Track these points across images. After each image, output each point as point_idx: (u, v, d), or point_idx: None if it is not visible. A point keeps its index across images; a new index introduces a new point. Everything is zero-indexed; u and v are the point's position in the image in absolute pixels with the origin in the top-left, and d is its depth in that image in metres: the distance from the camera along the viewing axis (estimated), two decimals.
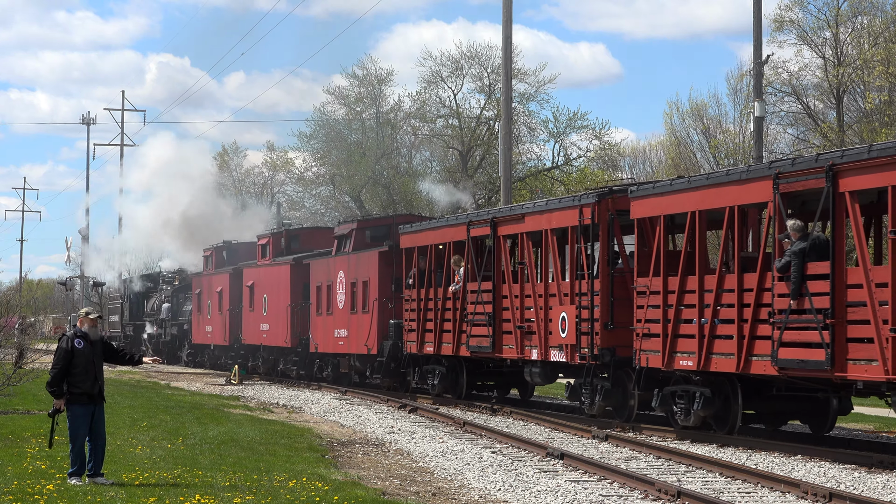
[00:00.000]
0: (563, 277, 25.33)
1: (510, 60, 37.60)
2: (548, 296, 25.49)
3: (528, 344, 26.17)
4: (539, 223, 25.90)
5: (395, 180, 62.46)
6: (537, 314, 25.71)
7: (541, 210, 26.01)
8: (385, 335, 33.33)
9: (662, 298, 21.83)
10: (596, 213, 23.79)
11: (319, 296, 37.69)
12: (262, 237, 44.13)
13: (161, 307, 56.71)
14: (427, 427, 24.41)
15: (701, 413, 21.17)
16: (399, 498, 14.89)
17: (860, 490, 15.75)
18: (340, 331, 36.15)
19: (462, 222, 29.24)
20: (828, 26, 47.35)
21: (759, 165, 20.78)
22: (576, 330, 24.16)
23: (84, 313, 15.67)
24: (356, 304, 34.93)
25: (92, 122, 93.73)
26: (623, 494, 15.51)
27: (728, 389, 20.96)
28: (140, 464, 16.65)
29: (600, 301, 23.71)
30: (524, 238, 26.54)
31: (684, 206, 21.48)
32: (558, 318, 24.88)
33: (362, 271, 34.61)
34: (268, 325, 42.32)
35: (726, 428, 21.05)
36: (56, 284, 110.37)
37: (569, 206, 24.80)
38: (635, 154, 74.25)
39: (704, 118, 56.43)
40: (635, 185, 23.35)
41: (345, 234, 36.28)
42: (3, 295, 43.94)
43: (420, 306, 30.85)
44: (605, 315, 23.64)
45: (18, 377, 28.53)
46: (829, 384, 19.44)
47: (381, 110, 64.00)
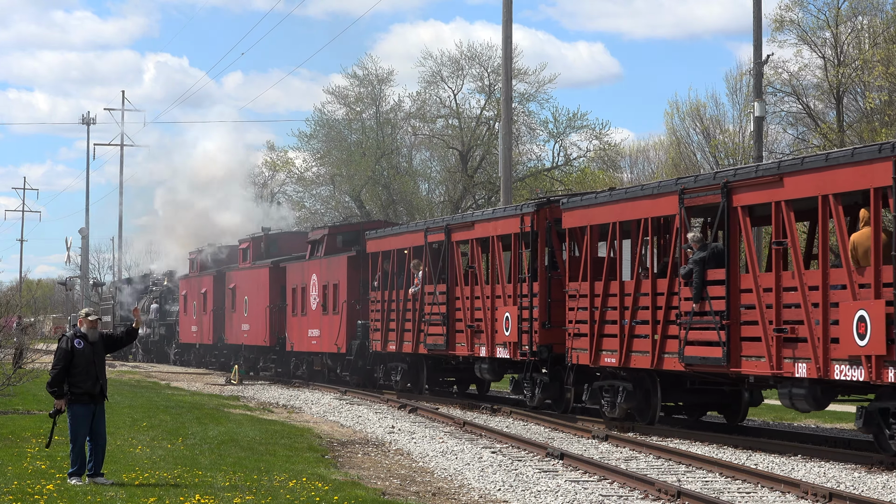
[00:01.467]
0: (507, 280, 27.34)
1: (510, 60, 37.61)
2: (494, 297, 27.56)
3: (478, 342, 28.24)
4: (487, 230, 28.07)
5: (395, 180, 62.46)
6: (485, 314, 27.82)
7: (488, 218, 28.22)
8: (353, 335, 35.42)
9: (590, 301, 23.90)
10: (535, 221, 25.93)
11: (295, 297, 39.81)
12: (243, 241, 46.02)
13: (150, 308, 58.54)
14: (427, 427, 24.42)
15: (624, 406, 23.12)
16: (399, 498, 14.90)
17: (860, 490, 15.75)
18: (314, 331, 38.25)
19: (420, 229, 31.36)
20: (827, 26, 47.35)
21: (667, 181, 22.63)
22: (517, 329, 26.20)
23: (84, 314, 15.68)
24: (328, 305, 37.02)
25: (92, 122, 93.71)
26: (623, 494, 15.51)
27: (648, 384, 22.93)
28: (140, 464, 16.65)
29: (539, 302, 25.76)
30: (474, 244, 28.69)
31: (607, 217, 23.61)
32: (503, 318, 26.88)
33: (333, 274, 36.78)
34: (248, 326, 44.42)
35: (647, 419, 22.95)
36: (56, 284, 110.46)
37: (512, 214, 26.99)
38: (635, 154, 74.32)
39: (704, 118, 56.43)
40: (566, 197, 25.61)
41: (318, 239, 38.48)
42: (3, 295, 43.90)
43: (384, 307, 33.03)
44: (542, 315, 25.69)
45: (18, 377, 28.54)
46: (726, 378, 21.32)
47: (381, 110, 64.00)
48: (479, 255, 28.75)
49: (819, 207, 18.58)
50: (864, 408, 18.24)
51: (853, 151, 18.07)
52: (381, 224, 37.40)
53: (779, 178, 19.35)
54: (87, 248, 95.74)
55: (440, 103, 63.10)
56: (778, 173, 19.38)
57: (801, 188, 18.93)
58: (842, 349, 17.95)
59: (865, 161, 17.65)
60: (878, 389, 18.14)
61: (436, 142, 63.56)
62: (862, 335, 17.55)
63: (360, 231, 36.52)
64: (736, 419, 23.49)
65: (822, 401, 19.20)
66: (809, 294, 18.66)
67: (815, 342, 18.45)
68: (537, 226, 25.92)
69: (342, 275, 36.17)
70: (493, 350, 27.51)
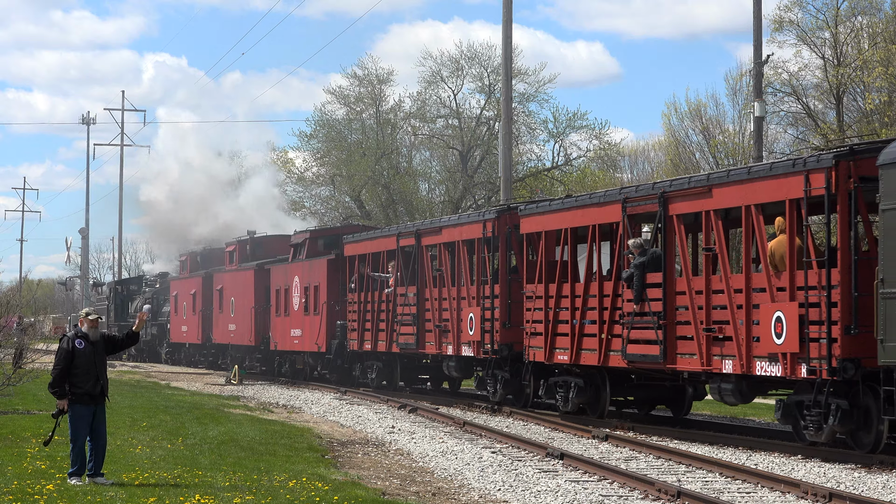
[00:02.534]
0: (472, 283, 28.94)
1: (510, 60, 37.62)
2: (459, 299, 29.27)
3: (445, 341, 29.98)
4: (453, 235, 29.80)
5: (395, 180, 62.43)
6: (452, 315, 29.54)
7: (454, 224, 30.05)
8: (333, 334, 37.00)
9: (545, 302, 25.51)
10: (496, 227, 27.72)
11: (278, 298, 41.49)
12: (229, 244, 47.64)
13: (143, 308, 59.33)
14: (427, 427, 24.43)
15: (576, 400, 24.73)
16: (399, 498, 14.90)
17: (860, 490, 15.76)
18: (296, 330, 39.82)
19: (393, 234, 33.18)
20: (827, 26, 47.33)
21: (612, 191, 24.41)
22: (481, 328, 27.96)
23: (84, 314, 15.68)
24: (309, 306, 38.66)
25: (92, 122, 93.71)
26: (623, 494, 15.51)
27: (598, 380, 24.54)
28: (140, 464, 16.65)
29: (499, 303, 27.50)
30: (441, 248, 30.46)
31: (560, 224, 25.30)
32: (467, 318, 28.64)
33: (314, 277, 38.47)
34: (235, 326, 46.07)
35: (597, 412, 24.49)
36: (56, 284, 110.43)
37: (475, 220, 28.82)
38: (635, 154, 74.27)
39: (703, 118, 56.40)
40: (524, 205, 27.28)
41: (300, 242, 40.11)
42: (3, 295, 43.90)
43: (360, 308, 34.84)
44: (503, 315, 27.44)
45: (18, 377, 28.53)
46: (664, 374, 22.99)
47: (381, 110, 63.97)
48: (447, 258, 30.29)
49: (743, 216, 20.18)
50: (782, 401, 19.71)
51: (771, 166, 19.76)
52: (359, 228, 39.11)
53: (708, 189, 21.00)
54: (87, 248, 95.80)
55: (440, 103, 63.09)
56: (707, 185, 21.04)
57: (727, 199, 20.59)
58: (762, 347, 19.48)
59: (782, 175, 19.33)
60: (795, 384, 19.50)
61: (436, 142, 63.53)
62: (779, 334, 19.10)
63: (339, 235, 38.10)
64: (681, 412, 24.94)
65: (747, 395, 20.76)
66: (735, 296, 20.22)
67: (739, 341, 19.98)
68: (498, 231, 27.65)
69: (322, 277, 37.72)
70: (458, 349, 29.20)
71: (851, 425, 18.45)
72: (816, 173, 18.65)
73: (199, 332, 50.73)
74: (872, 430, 18.28)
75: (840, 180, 18.33)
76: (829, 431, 18.65)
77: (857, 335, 18.06)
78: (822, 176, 18.51)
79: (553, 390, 25.57)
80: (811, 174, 18.74)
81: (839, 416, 18.35)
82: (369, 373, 35.00)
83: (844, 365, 18.10)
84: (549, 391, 25.78)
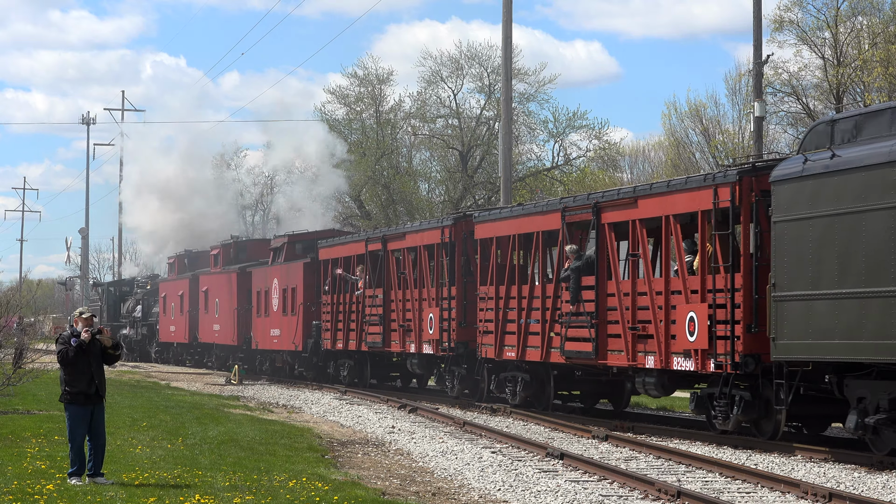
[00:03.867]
0: (432, 285, 30.66)
1: (510, 60, 37.62)
2: (421, 300, 31.10)
3: (409, 339, 31.84)
4: (415, 240, 31.63)
5: (395, 180, 62.42)
6: (414, 315, 31.38)
7: (416, 230, 31.91)
8: (309, 334, 38.98)
9: (495, 303, 27.51)
10: (453, 233, 29.63)
11: (259, 300, 43.64)
12: (214, 247, 49.90)
13: (134, 309, 62.10)
14: (427, 427, 24.43)
15: (522, 394, 26.80)
16: (399, 498, 14.90)
17: (860, 490, 15.76)
18: (275, 330, 41.95)
19: (362, 239, 35.17)
20: (827, 26, 47.34)
21: (553, 200, 26.95)
22: (440, 327, 29.83)
23: (78, 313, 15.66)
24: (287, 307, 40.79)
25: (92, 122, 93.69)
26: (623, 494, 15.52)
27: (543, 375, 26.55)
28: (140, 464, 16.65)
29: (456, 304, 29.41)
30: (405, 252, 32.33)
31: (509, 230, 27.30)
32: (428, 318, 30.57)
33: (291, 279, 40.55)
34: (219, 326, 48.05)
35: (543, 405, 26.54)
36: (56, 284, 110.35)
37: (435, 227, 30.69)
38: (635, 154, 74.25)
39: (703, 118, 56.40)
40: (478, 212, 29.66)
41: (279, 246, 42.27)
42: (3, 295, 43.92)
43: (333, 309, 36.87)
44: (459, 315, 29.33)
45: (18, 377, 28.54)
46: (596, 369, 24.93)
47: (381, 110, 63.94)
48: (410, 262, 32.15)
49: (663, 225, 22.23)
50: (696, 393, 21.75)
51: (686, 180, 21.97)
52: (334, 233, 41.19)
53: (634, 200, 22.99)
54: (87, 248, 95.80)
55: (440, 103, 63.06)
56: (633, 196, 23.05)
57: (650, 209, 22.55)
58: (678, 344, 21.41)
59: (695, 188, 21.32)
60: (707, 378, 21.45)
61: (436, 142, 63.51)
62: (692, 332, 21.04)
63: (315, 240, 40.14)
64: (620, 406, 26.94)
65: (668, 388, 22.86)
66: (656, 298, 22.17)
67: (659, 338, 21.92)
68: (454, 237, 29.62)
69: (299, 279, 39.72)
70: (420, 347, 31.14)
71: (754, 415, 20.33)
72: (723, 187, 20.46)
73: (186, 331, 52.48)
74: (772, 419, 20.21)
75: (743, 194, 20.20)
76: (734, 421, 20.56)
77: (757, 333, 19.85)
78: (727, 190, 20.37)
79: (503, 385, 27.62)
80: (719, 188, 20.56)
81: (742, 406, 20.27)
82: (342, 370, 36.97)
83: (746, 360, 19.95)
84: (500, 385, 27.81)
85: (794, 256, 18.80)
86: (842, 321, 17.90)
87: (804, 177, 18.68)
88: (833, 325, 18.06)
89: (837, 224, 18.04)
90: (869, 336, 17.42)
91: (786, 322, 18.91)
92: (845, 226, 17.91)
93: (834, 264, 18.09)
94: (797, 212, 18.77)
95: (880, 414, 17.73)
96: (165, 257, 59.18)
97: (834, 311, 18.05)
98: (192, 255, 54.63)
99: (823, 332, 18.22)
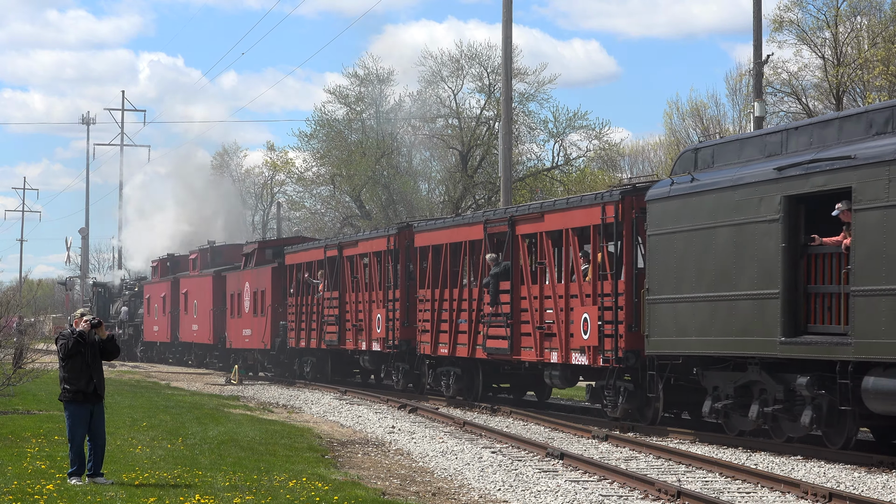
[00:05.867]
0: (380, 288, 33.69)
1: (510, 60, 37.61)
2: (370, 302, 34.20)
3: (361, 338, 34.89)
4: (366, 248, 34.82)
5: (395, 180, 62.40)
6: (366, 315, 34.50)
7: (366, 238, 35.24)
8: (276, 333, 42.29)
9: (431, 305, 30.51)
10: (397, 241, 32.71)
11: (233, 302, 46.95)
12: (193, 252, 53.69)
13: (121, 310, 65.08)
14: (427, 427, 24.43)
15: (455, 386, 29.83)
16: (399, 498, 14.90)
17: (860, 490, 15.76)
18: (246, 330, 45.14)
19: (321, 246, 38.41)
20: (827, 26, 47.33)
21: (477, 214, 30.87)
22: (386, 327, 32.87)
23: (79, 314, 15.66)
24: (257, 308, 44.04)
25: (92, 122, 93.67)
26: (623, 494, 15.51)
27: (473, 369, 29.60)
28: (140, 464, 16.64)
29: (399, 306, 32.27)
30: (357, 259, 35.69)
31: (441, 240, 30.46)
32: (376, 318, 33.65)
33: (261, 283, 43.90)
34: (197, 326, 51.56)
35: (473, 396, 29.45)
36: (56, 284, 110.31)
37: (382, 235, 33.98)
38: (635, 153, 74.24)
39: (704, 118, 56.38)
40: (417, 222, 33.33)
41: (250, 252, 45.77)
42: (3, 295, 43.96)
43: (297, 310, 40.07)
44: (403, 316, 32.24)
45: (18, 377, 28.54)
46: (511, 363, 28.17)
47: (381, 110, 63.91)
48: (362, 267, 35.27)
49: (563, 237, 25.38)
50: (590, 385, 24.90)
51: (581, 198, 25.05)
52: (299, 240, 44.28)
53: (541, 214, 26.07)
54: (87, 248, 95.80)
55: (440, 103, 63.01)
56: (541, 211, 26.22)
57: (554, 223, 25.67)
58: (575, 342, 24.48)
59: (588, 206, 24.31)
60: (601, 372, 24.17)
61: (436, 142, 63.47)
62: (586, 331, 24.07)
63: (283, 246, 43.26)
64: (544, 397, 30.24)
65: (571, 380, 25.94)
66: (558, 301, 25.16)
67: (561, 337, 24.94)
68: (399, 245, 32.60)
69: (267, 283, 43.06)
70: (370, 344, 34.23)
71: (637, 403, 23.37)
72: (610, 205, 23.45)
73: (168, 331, 55.92)
74: (651, 407, 23.06)
75: (625, 211, 23.20)
76: (621, 409, 23.55)
77: (636, 332, 22.86)
78: (613, 207, 23.35)
79: (439, 378, 30.60)
80: (606, 206, 23.55)
81: (626, 396, 23.40)
82: (305, 367, 40.24)
83: (627, 355, 23.01)
84: (436, 379, 30.87)
85: (663, 265, 21.88)
86: (697, 321, 20.96)
87: (670, 197, 21.80)
88: (691, 324, 21.12)
89: (695, 238, 21.07)
90: (716, 333, 20.47)
91: (656, 322, 22.01)
92: (700, 239, 20.95)
93: (692, 272, 21.13)
94: (665, 227, 21.85)
95: (727, 400, 20.67)
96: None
97: (692, 312, 21.10)
98: (174, 259, 57.92)
99: (684, 330, 21.26)
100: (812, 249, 19.05)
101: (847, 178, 18.06)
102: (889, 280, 17.24)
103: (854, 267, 17.88)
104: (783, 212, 19.19)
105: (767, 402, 19.83)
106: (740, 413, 20.51)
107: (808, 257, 19.13)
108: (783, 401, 19.53)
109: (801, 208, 19.25)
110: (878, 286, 17.43)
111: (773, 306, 19.22)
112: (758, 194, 19.66)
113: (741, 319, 19.89)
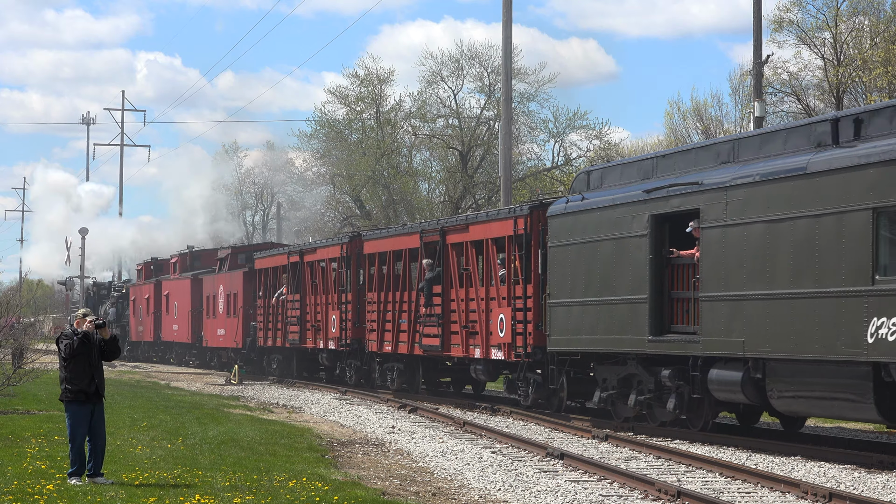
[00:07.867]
0: (334, 291, 37.04)
1: (510, 60, 37.60)
2: (327, 304, 37.47)
3: (319, 337, 38.14)
4: (322, 255, 38.28)
5: (395, 180, 62.38)
6: (323, 316, 37.73)
7: (323, 245, 38.88)
8: (248, 333, 45.61)
9: (377, 306, 33.72)
10: (348, 249, 36.02)
11: (209, 303, 50.41)
12: (174, 256, 57.23)
13: (109, 311, 66.87)
14: (427, 427, 24.43)
15: (398, 380, 32.89)
16: (399, 498, 14.90)
17: (860, 490, 15.76)
18: (221, 330, 48.59)
19: (285, 252, 41.75)
20: (827, 26, 47.30)
21: (414, 224, 34.25)
22: (340, 327, 36.16)
23: (81, 314, 15.66)
24: (230, 310, 47.42)
25: (92, 123, 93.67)
26: (623, 494, 15.51)
27: (414, 365, 32.70)
28: (140, 464, 16.65)
29: (351, 307, 35.55)
30: (316, 264, 38.73)
31: (385, 247, 33.70)
32: (331, 319, 36.99)
33: (233, 286, 47.29)
34: (178, 326, 55.09)
35: (414, 390, 32.52)
36: (56, 284, 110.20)
37: (335, 243, 37.46)
38: (635, 153, 74.17)
39: (705, 118, 56.35)
40: (366, 231, 36.69)
41: (224, 257, 49.25)
42: (3, 295, 43.95)
43: (265, 312, 43.38)
44: (354, 317, 35.50)
45: (18, 377, 28.54)
46: (442, 359, 31.37)
47: (381, 110, 63.88)
48: (319, 272, 38.53)
49: (485, 246, 28.31)
50: (507, 377, 28.25)
51: (498, 211, 28.22)
52: (268, 246, 48.12)
53: (466, 226, 29.22)
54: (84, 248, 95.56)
55: (440, 103, 62.99)
56: (466, 223, 29.42)
57: (476, 234, 28.70)
58: (494, 339, 27.58)
59: (504, 218, 27.33)
60: (516, 365, 27.03)
61: (436, 142, 63.44)
62: (502, 330, 27.15)
63: (253, 251, 46.98)
64: (480, 390, 33.06)
65: (493, 374, 28.98)
66: (480, 303, 28.20)
67: (483, 335, 28.01)
68: (350, 252, 35.87)
69: (239, 286, 46.40)
70: (327, 343, 37.40)
71: (545, 393, 26.39)
72: (520, 218, 26.45)
73: (151, 331, 59.44)
74: (557, 396, 26.04)
75: (533, 224, 26.19)
76: (532, 398, 26.64)
77: (541, 330, 25.76)
78: (523, 221, 26.35)
79: (385, 374, 33.58)
80: (518, 219, 26.53)
81: (535, 387, 26.55)
82: (272, 364, 43.42)
83: (535, 351, 25.98)
84: (383, 374, 33.84)
85: (560, 273, 24.92)
86: (586, 322, 23.97)
87: (566, 213, 24.78)
88: (582, 325, 24.15)
89: (584, 249, 24.07)
90: (602, 333, 23.49)
91: (555, 322, 25.01)
92: (588, 251, 23.94)
93: (582, 279, 24.15)
94: (562, 239, 24.83)
95: (612, 390, 23.66)
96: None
97: (582, 314, 24.13)
98: (157, 262, 61.27)
99: (577, 329, 24.31)
100: (673, 261, 22.12)
101: (696, 200, 21.09)
102: (727, 287, 20.21)
103: (701, 276, 20.91)
104: (650, 228, 22.27)
105: (643, 392, 22.85)
106: (623, 402, 23.42)
107: (671, 267, 22.22)
108: (654, 390, 22.60)
109: (665, 225, 22.34)
110: (718, 292, 20.43)
111: (643, 309, 22.32)
112: (631, 213, 22.76)
113: (620, 321, 22.98)
